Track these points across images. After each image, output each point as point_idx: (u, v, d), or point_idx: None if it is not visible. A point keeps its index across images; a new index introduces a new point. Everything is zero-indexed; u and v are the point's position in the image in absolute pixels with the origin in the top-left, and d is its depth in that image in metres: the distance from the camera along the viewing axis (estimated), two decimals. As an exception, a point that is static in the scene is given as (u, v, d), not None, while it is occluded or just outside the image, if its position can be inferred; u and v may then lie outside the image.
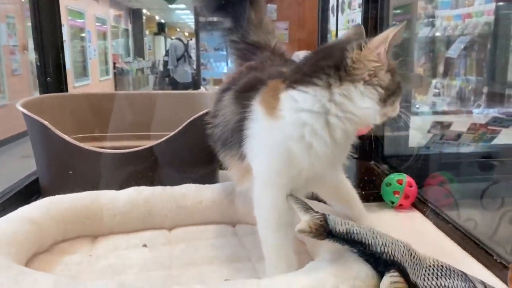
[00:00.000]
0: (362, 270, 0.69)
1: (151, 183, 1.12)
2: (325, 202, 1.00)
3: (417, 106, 3.30)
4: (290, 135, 0.73)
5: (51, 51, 1.49)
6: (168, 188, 1.07)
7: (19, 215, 0.90)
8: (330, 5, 2.41)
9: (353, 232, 0.72)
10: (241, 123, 0.79)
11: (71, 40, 8.23)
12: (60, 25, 1.52)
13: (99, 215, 1.00)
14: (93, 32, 9.57)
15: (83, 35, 9.13)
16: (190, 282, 0.76)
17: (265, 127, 0.75)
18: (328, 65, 0.71)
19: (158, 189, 1.06)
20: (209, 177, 1.29)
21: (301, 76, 0.73)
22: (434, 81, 3.66)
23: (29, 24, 1.51)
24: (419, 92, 3.66)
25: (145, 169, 1.18)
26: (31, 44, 1.48)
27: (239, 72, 0.96)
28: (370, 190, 1.32)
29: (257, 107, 0.77)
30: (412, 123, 2.01)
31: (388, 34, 0.69)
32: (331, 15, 2.42)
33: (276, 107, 0.74)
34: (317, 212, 0.73)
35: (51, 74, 1.49)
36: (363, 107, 0.70)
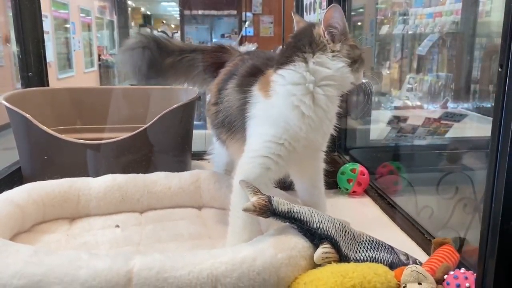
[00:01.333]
0: (299, 242, 0.80)
1: (126, 171, 1.23)
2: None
3: (391, 100, 3.44)
4: (284, 105, 0.89)
5: (32, 47, 1.57)
6: (140, 175, 1.18)
7: (3, 198, 1.00)
8: (305, 3, 2.52)
9: (294, 211, 0.83)
10: (243, 107, 0.95)
11: (55, 32, 8.19)
12: (41, 21, 1.60)
13: (76, 200, 1.10)
14: (77, 24, 9.51)
15: (67, 26, 9.08)
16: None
17: (263, 107, 0.92)
18: (303, 43, 0.90)
19: (131, 176, 1.17)
20: (182, 166, 1.40)
21: (285, 59, 0.91)
22: (408, 77, 3.79)
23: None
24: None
25: (120, 158, 1.28)
26: (14, 36, 1.55)
27: (233, 64, 1.10)
28: (331, 179, 1.44)
29: (256, 92, 0.94)
30: (381, 117, 2.14)
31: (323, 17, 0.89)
32: (305, 13, 2.53)
33: (270, 89, 0.91)
34: (263, 194, 0.84)
35: (33, 68, 1.57)
36: (338, 67, 0.89)
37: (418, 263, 0.87)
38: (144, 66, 1.17)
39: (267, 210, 0.82)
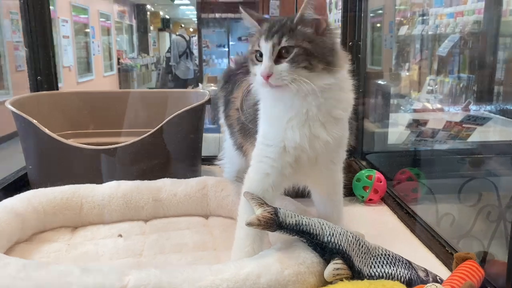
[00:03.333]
0: (308, 257, 0.74)
1: (133, 176, 1.18)
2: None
3: (411, 103, 3.35)
4: (265, 101, 0.86)
5: (42, 51, 1.55)
6: (145, 182, 1.14)
7: (2, 205, 0.97)
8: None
9: (302, 223, 0.78)
10: (255, 107, 0.91)
11: (75, 36, 8.31)
12: (50, 25, 1.58)
13: (79, 207, 1.06)
14: (97, 28, 9.65)
15: (87, 30, 9.21)
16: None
17: (261, 105, 0.88)
18: None
19: (135, 183, 1.13)
20: (191, 170, 1.35)
21: None
22: (428, 78, 3.69)
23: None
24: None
25: (126, 162, 1.24)
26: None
27: None
28: (346, 186, 1.38)
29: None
30: (400, 120, 2.07)
31: None
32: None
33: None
34: (269, 206, 0.79)
35: (42, 73, 1.55)
36: None
37: (439, 280, 0.80)
38: None
39: (273, 223, 0.76)
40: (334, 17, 2.09)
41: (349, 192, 1.33)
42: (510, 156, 1.63)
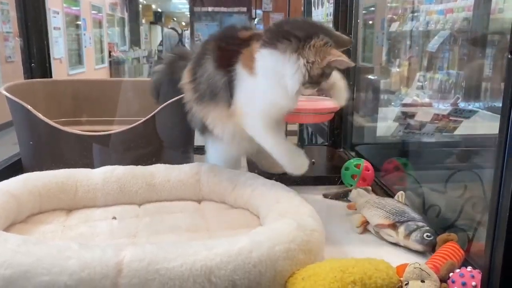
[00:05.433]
0: (298, 236, 0.78)
1: (127, 164, 1.20)
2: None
3: (400, 98, 3.39)
4: (266, 85, 0.99)
5: (36, 37, 1.56)
6: (139, 167, 1.16)
7: (-3, 188, 0.98)
8: (313, -2, 2.49)
9: None
10: (228, 82, 1.03)
11: (66, 28, 8.25)
12: (44, 11, 1.59)
13: (74, 191, 1.08)
14: (89, 20, 9.58)
15: (78, 23, 9.15)
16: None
17: (251, 84, 1.00)
18: (296, 35, 0.92)
19: (129, 168, 1.15)
20: (184, 159, 1.37)
21: (272, 39, 0.95)
22: (417, 74, 3.74)
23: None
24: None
25: (119, 150, 1.26)
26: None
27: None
28: (336, 174, 1.42)
29: (240, 71, 1.01)
30: (389, 115, 2.11)
31: (339, 59, 0.91)
32: (313, 8, 2.50)
33: (253, 68, 0.98)
34: None
35: (36, 59, 1.56)
36: (290, 74, 0.93)
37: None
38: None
39: None
40: (327, 11, 2.11)
41: (338, 181, 1.37)
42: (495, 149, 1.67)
